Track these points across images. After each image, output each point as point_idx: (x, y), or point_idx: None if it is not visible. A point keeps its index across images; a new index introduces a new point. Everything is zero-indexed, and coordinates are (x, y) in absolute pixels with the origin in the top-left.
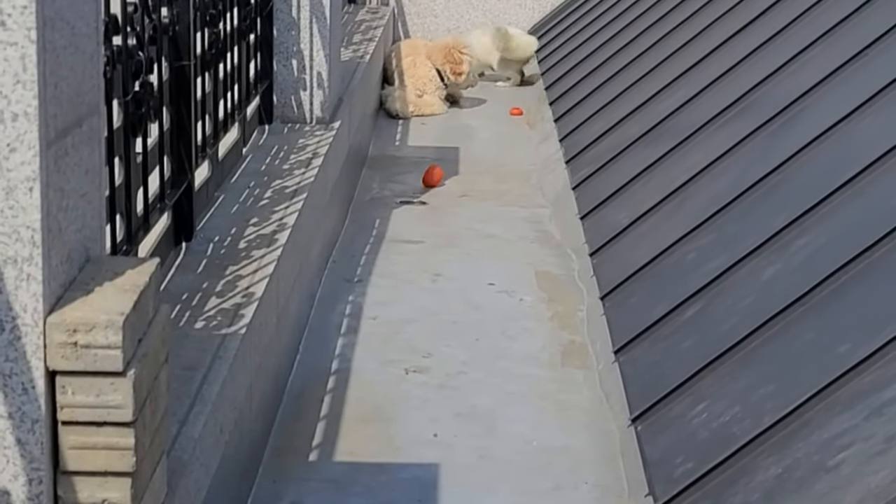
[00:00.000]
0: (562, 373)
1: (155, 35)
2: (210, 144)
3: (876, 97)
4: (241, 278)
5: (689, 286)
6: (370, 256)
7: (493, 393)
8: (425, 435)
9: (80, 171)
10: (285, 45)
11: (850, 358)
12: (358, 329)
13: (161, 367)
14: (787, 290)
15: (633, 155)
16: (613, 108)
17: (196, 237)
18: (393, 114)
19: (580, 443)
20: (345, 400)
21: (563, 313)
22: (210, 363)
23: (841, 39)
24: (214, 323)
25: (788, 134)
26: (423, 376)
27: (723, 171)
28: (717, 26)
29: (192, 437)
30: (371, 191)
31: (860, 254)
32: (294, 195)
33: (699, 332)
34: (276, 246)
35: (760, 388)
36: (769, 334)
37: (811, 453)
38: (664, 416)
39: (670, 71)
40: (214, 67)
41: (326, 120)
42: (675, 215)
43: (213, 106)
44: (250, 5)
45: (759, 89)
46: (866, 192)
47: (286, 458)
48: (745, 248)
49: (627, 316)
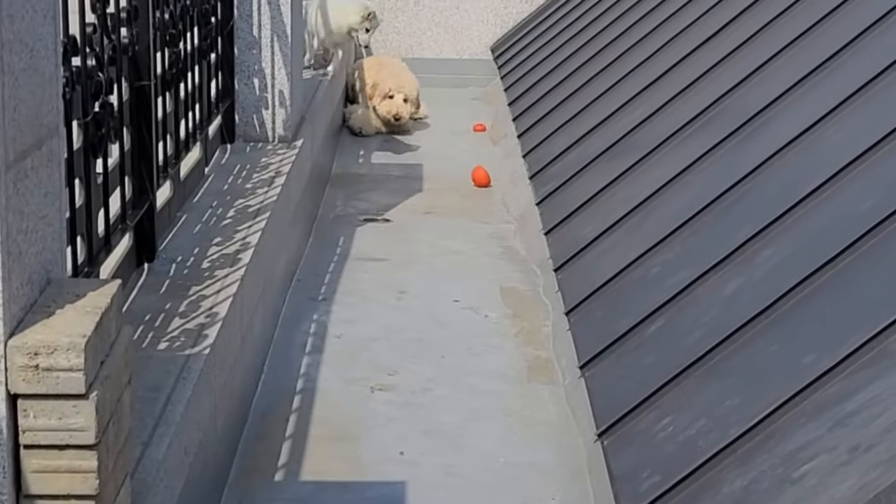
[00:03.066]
0: (528, 388)
1: (114, 55)
2: (172, 164)
3: (838, 108)
4: (204, 298)
5: (654, 300)
6: (334, 274)
7: (459, 410)
8: (392, 453)
9: (40, 194)
10: (247, 64)
11: (814, 369)
12: (323, 348)
13: (124, 388)
14: (750, 303)
15: (596, 170)
16: (577, 123)
17: (158, 258)
18: (356, 131)
19: (547, 458)
20: (310, 419)
21: (528, 329)
22: (174, 384)
23: (802, 51)
24: (178, 343)
25: (751, 146)
26: (388, 394)
27: (686, 184)
28: (678, 40)
29: (156, 458)
30: (335, 209)
31: (823, 265)
32: (257, 214)
33: (664, 346)
34: (240, 265)
35: (725, 400)
36: (733, 347)
37: (776, 465)
38: (630, 431)
39: (633, 85)
40: (175, 87)
41: (289, 138)
42: (639, 230)
43: (175, 126)
44: (211, 24)
45: (721, 103)
46: (829, 203)
47: (252, 479)
48: (709, 262)
49: (593, 331)
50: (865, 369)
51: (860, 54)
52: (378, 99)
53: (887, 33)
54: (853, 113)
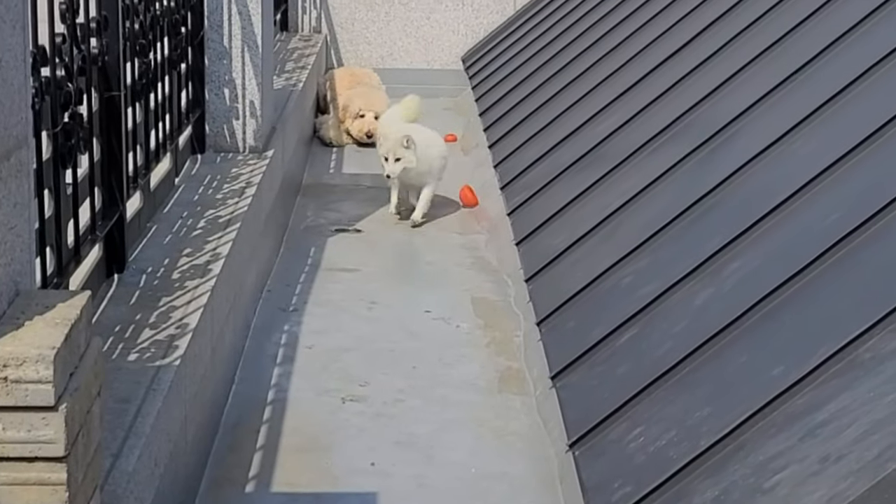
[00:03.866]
0: (499, 399)
1: (84, 66)
2: (142, 175)
3: (806, 120)
4: (174, 309)
5: (625, 311)
6: (305, 285)
7: (430, 420)
8: (363, 464)
9: (9, 205)
10: (217, 75)
11: (783, 380)
12: (294, 358)
13: (94, 400)
14: (720, 314)
15: (567, 180)
16: (548, 134)
17: (128, 268)
18: (327, 141)
19: (519, 469)
20: (281, 430)
21: (499, 339)
22: (144, 395)
23: (771, 63)
24: (148, 355)
25: (721, 158)
26: (360, 405)
27: (656, 195)
28: (648, 52)
29: (126, 470)
30: (306, 219)
31: (791, 277)
32: (228, 225)
33: (635, 357)
34: (210, 276)
35: (696, 411)
36: (703, 358)
37: (747, 475)
38: (601, 441)
39: (603, 97)
40: (145, 97)
41: (260, 149)
42: (609, 240)
43: (145, 136)
44: (181, 35)
45: (692, 114)
46: (797, 215)
47: (222, 490)
48: (679, 273)
49: (564, 341)
50: (835, 380)
51: (828, 66)
52: (350, 120)
53: (854, 46)
54: (821, 125)
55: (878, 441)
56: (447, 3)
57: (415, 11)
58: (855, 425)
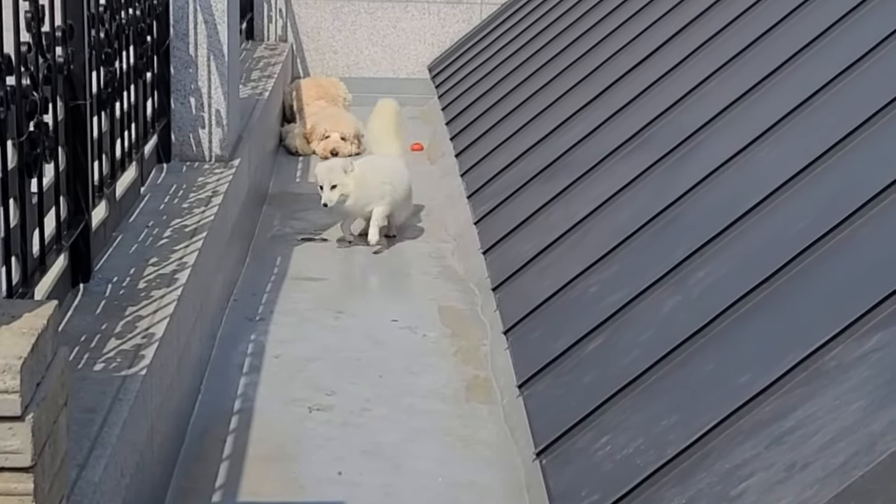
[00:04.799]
0: (466, 408)
1: (50, 74)
2: (107, 184)
3: (773, 128)
4: (140, 319)
5: (592, 319)
6: (272, 294)
7: (397, 429)
8: (330, 473)
9: None
10: (183, 83)
11: (750, 388)
12: (260, 368)
13: (60, 410)
14: (687, 322)
15: (534, 189)
16: (514, 143)
17: (94, 278)
18: (293, 150)
19: (486, 478)
20: (248, 439)
21: (466, 348)
22: (110, 405)
23: (737, 72)
24: (114, 364)
25: (687, 166)
26: (326, 414)
27: (623, 203)
28: (615, 60)
29: (92, 480)
30: (272, 228)
31: (758, 285)
32: (194, 234)
33: (602, 366)
34: (177, 286)
35: (663, 419)
36: (670, 366)
37: (714, 483)
38: (569, 450)
39: (570, 105)
40: (111, 106)
41: (226, 158)
42: (576, 248)
43: (110, 145)
44: (147, 43)
45: (659, 122)
46: (764, 223)
47: (189, 500)
48: (646, 281)
49: (531, 350)
50: (801, 388)
51: (793, 76)
52: (316, 142)
53: (818, 55)
54: (786, 134)
55: (844, 448)
56: (413, 12)
57: (381, 20)
58: (821, 433)
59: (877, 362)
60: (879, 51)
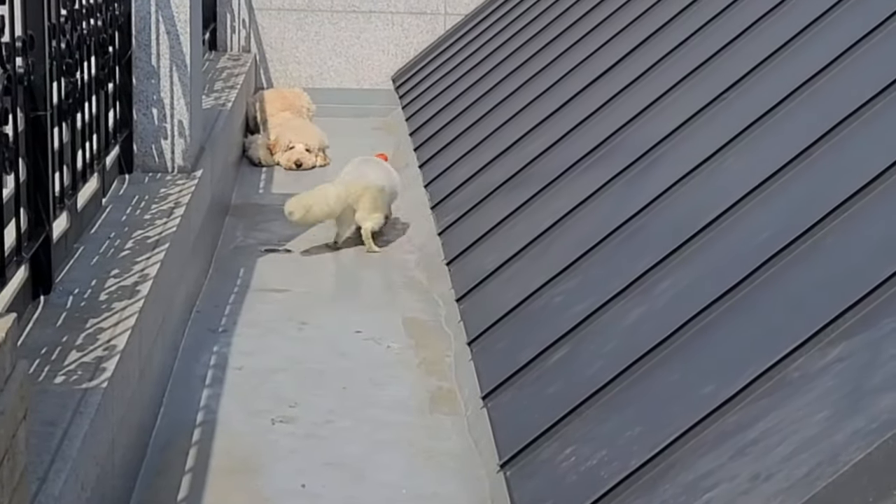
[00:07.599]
0: (430, 419)
1: (10, 85)
2: (68, 195)
3: (736, 139)
4: (102, 331)
5: (556, 330)
6: (235, 306)
7: (361, 441)
8: (293, 485)
9: None
10: (145, 94)
11: (714, 399)
12: (223, 380)
13: (19, 424)
14: (651, 333)
15: (498, 200)
16: (478, 154)
17: (55, 290)
18: (256, 161)
19: (450, 489)
20: (211, 452)
21: (430, 359)
22: (71, 418)
23: (700, 83)
24: (75, 377)
25: (651, 177)
26: (290, 426)
27: (587, 214)
28: (578, 71)
29: (52, 494)
30: (235, 239)
31: (722, 296)
32: (156, 245)
33: (566, 376)
34: (138, 297)
35: (627, 430)
36: (634, 377)
37: (678, 494)
38: (533, 461)
39: (533, 116)
40: (72, 117)
41: (188, 169)
42: (541, 259)
43: (72, 156)
44: (108, 54)
45: (622, 133)
46: (728, 234)
47: None
48: (610, 292)
49: (495, 361)
50: (764, 399)
51: (755, 87)
52: (280, 153)
53: (784, 65)
54: (749, 145)
55: (808, 459)
56: (377, 23)
57: (345, 31)
58: (784, 444)
59: (840, 372)
60: (843, 60)
